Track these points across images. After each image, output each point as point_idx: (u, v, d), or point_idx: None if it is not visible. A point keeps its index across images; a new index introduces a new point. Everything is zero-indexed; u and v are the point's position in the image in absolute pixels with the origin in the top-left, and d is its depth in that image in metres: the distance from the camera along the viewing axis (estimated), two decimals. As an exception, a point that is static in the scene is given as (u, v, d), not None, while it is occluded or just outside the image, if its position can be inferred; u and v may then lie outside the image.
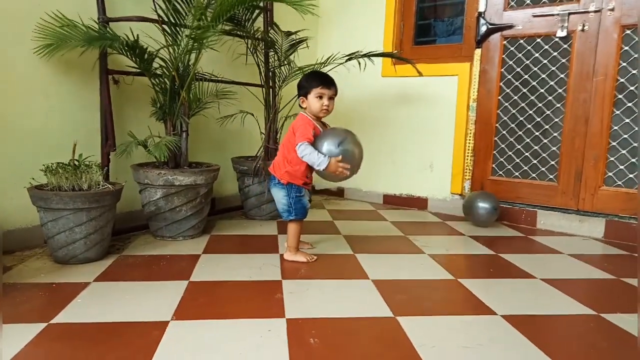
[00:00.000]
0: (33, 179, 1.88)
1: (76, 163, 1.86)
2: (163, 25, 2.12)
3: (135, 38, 1.97)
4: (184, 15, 2.16)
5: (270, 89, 2.70)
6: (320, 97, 1.89)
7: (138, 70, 2.17)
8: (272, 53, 2.67)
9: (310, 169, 1.91)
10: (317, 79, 1.91)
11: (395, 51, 3.13)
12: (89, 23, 2.01)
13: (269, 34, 2.68)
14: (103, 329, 1.29)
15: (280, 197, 1.93)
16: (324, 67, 2.56)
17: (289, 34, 2.69)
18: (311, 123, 1.89)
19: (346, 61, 2.58)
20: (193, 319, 1.37)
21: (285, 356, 1.18)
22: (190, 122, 2.28)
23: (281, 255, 2.00)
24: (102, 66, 2.11)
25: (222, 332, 1.30)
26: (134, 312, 1.40)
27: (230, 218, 2.69)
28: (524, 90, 2.73)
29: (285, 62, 2.66)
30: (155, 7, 2.12)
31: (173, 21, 2.13)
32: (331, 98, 1.92)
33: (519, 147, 2.78)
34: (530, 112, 2.72)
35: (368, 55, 2.54)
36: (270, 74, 2.70)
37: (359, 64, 2.64)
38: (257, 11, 2.51)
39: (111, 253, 1.95)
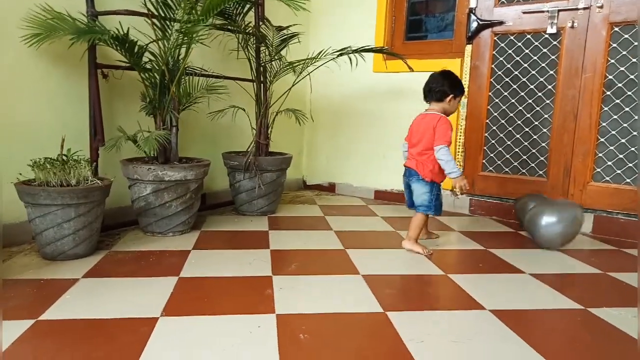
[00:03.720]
0: (20, 174, 1.86)
1: (64, 158, 1.84)
2: (153, 19, 2.10)
3: (125, 32, 1.96)
4: (174, 9, 2.14)
5: (262, 84, 2.69)
6: (459, 104, 2.13)
7: (127, 65, 2.15)
8: (263, 48, 2.66)
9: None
10: (464, 90, 2.11)
11: (386, 47, 3.13)
12: (77, 17, 1.98)
13: (260, 29, 2.66)
14: (91, 326, 1.29)
15: (422, 192, 2.03)
16: (315, 62, 2.55)
17: (280, 28, 2.68)
18: (451, 125, 2.02)
19: (337, 56, 2.57)
20: (182, 315, 1.36)
21: (275, 352, 1.18)
22: (180, 117, 2.27)
23: (401, 245, 2.12)
24: (90, 60, 2.08)
25: (211, 328, 1.30)
26: (122, 309, 1.39)
27: (221, 214, 2.68)
28: (514, 86, 2.75)
29: (277, 57, 2.65)
30: (144, 1, 2.09)
31: (163, 15, 2.11)
32: None
33: (509, 142, 2.79)
34: (520, 108, 2.74)
35: (359, 51, 2.54)
36: (262, 68, 2.69)
37: (350, 60, 2.63)
38: (248, 5, 2.49)
39: (100, 249, 1.93)
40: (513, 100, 2.76)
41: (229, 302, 1.47)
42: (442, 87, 2.03)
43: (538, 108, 2.69)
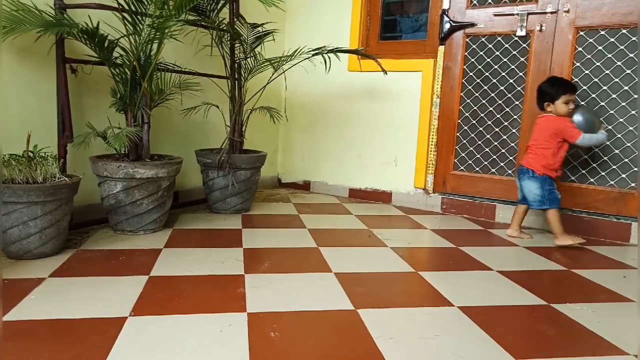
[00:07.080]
0: (-16, 170, 1.81)
1: (30, 154, 1.80)
2: (123, 14, 2.06)
3: (95, 25, 1.91)
4: (146, 4, 2.10)
5: (236, 81, 2.68)
6: (567, 103, 2.21)
7: (97, 60, 2.11)
8: (238, 45, 2.64)
9: (561, 163, 2.31)
10: (564, 87, 2.22)
11: (361, 47, 3.15)
12: (45, 9, 1.93)
13: (235, 26, 2.64)
14: (57, 326, 1.26)
15: (533, 188, 2.26)
16: (290, 60, 2.55)
17: (254, 26, 2.66)
18: (564, 120, 2.24)
19: (312, 56, 2.58)
20: (152, 315, 1.35)
21: (245, 350, 1.19)
22: (152, 114, 2.24)
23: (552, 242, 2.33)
24: (58, 54, 2.03)
25: (182, 327, 1.29)
26: (90, 308, 1.37)
27: (194, 212, 2.66)
28: (485, 87, 2.81)
29: (251, 55, 2.64)
30: (115, -6, 2.05)
31: (134, 9, 2.07)
32: (573, 101, 2.24)
33: (479, 142, 2.85)
34: (491, 108, 2.80)
35: (334, 51, 2.55)
36: (236, 66, 2.67)
37: (325, 60, 2.64)
38: (222, 1, 2.47)
39: (68, 248, 1.89)
40: (484, 101, 2.82)
41: (200, 301, 1.46)
42: (537, 97, 2.32)
43: (508, 109, 2.75)
